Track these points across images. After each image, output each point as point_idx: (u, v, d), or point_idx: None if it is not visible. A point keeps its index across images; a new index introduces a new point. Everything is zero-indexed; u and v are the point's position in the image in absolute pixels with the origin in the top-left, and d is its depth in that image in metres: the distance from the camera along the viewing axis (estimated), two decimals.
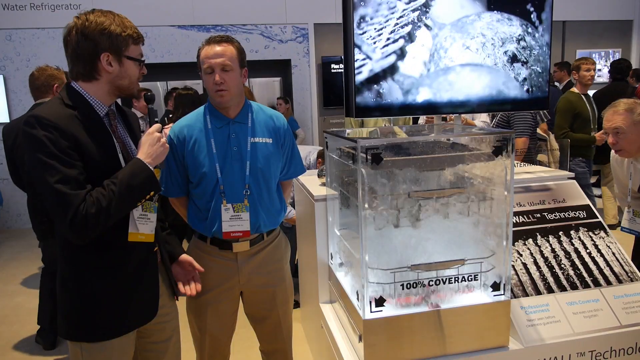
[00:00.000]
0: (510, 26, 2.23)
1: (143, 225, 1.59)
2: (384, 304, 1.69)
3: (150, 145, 1.56)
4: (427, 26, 2.06)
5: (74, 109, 1.50)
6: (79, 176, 1.43)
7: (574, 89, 4.59)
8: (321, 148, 3.59)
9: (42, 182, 1.41)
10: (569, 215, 2.25)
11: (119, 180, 1.47)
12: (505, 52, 2.26)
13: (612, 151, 2.74)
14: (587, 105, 4.54)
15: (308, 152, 3.71)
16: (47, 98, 2.97)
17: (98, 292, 1.54)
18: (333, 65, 7.67)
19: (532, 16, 2.25)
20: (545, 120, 4.72)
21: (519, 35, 2.24)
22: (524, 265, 2.05)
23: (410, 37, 2.03)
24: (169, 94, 5.87)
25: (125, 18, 1.57)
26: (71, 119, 1.47)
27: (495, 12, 2.17)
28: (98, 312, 1.54)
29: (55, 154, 1.41)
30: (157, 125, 1.62)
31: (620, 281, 2.06)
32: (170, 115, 4.32)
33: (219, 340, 2.10)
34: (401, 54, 2.02)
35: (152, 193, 1.56)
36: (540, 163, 4.45)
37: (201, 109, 2.03)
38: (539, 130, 4.64)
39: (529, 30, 2.26)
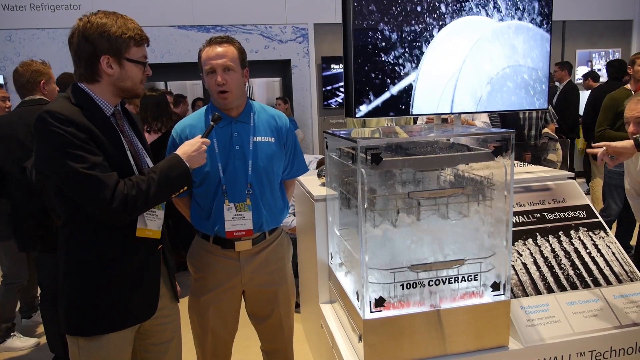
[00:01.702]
0: (511, 33, 2.24)
1: (151, 221, 1.62)
2: (384, 304, 1.69)
3: (191, 146, 1.66)
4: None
5: (80, 109, 1.51)
6: (104, 162, 1.47)
7: (628, 86, 4.22)
8: (321, 157, 3.59)
9: (69, 172, 1.42)
10: (569, 215, 2.25)
11: (159, 170, 1.56)
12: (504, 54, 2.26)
13: None
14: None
15: (308, 162, 3.72)
16: (36, 96, 2.84)
17: (100, 284, 1.55)
18: (333, 65, 7.67)
19: (533, 19, 2.25)
20: (555, 120, 4.70)
21: (518, 38, 2.25)
22: (524, 265, 2.05)
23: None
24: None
25: (129, 19, 1.57)
26: (81, 115, 1.49)
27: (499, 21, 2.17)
28: (98, 305, 1.55)
29: (77, 144, 1.43)
30: (206, 140, 1.71)
31: (620, 281, 2.06)
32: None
33: (222, 339, 2.10)
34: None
35: (185, 188, 1.63)
36: (550, 162, 4.44)
37: (203, 108, 2.04)
38: (548, 130, 4.62)
39: (529, 32, 2.26)
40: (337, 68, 7.64)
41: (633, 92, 4.08)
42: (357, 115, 2.09)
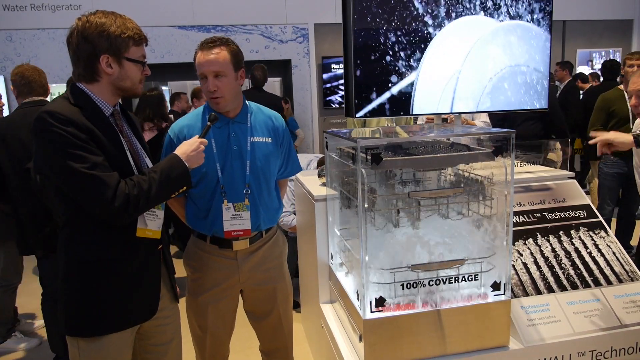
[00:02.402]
0: (512, 34, 2.23)
1: (151, 221, 1.62)
2: (384, 304, 1.69)
3: (189, 146, 1.66)
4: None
5: (80, 109, 1.51)
6: (104, 162, 1.48)
7: (621, 86, 4.17)
8: (322, 155, 3.59)
9: (70, 172, 1.42)
10: (569, 214, 2.25)
11: (159, 170, 1.57)
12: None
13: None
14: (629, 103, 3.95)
15: (309, 160, 3.72)
16: (36, 97, 2.82)
17: (100, 285, 1.55)
18: (333, 65, 7.66)
19: (533, 18, 2.25)
20: None
21: (519, 39, 2.25)
22: (524, 264, 2.05)
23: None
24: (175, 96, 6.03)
25: (128, 19, 1.57)
26: (81, 115, 1.49)
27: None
28: (98, 305, 1.55)
29: (78, 144, 1.43)
30: (204, 140, 1.72)
31: (620, 281, 2.05)
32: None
33: (220, 338, 2.10)
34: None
35: (184, 187, 1.64)
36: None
37: (200, 108, 2.04)
38: None
39: (530, 32, 2.26)
40: (337, 68, 7.64)
41: (625, 93, 4.05)
42: (357, 115, 2.09)
